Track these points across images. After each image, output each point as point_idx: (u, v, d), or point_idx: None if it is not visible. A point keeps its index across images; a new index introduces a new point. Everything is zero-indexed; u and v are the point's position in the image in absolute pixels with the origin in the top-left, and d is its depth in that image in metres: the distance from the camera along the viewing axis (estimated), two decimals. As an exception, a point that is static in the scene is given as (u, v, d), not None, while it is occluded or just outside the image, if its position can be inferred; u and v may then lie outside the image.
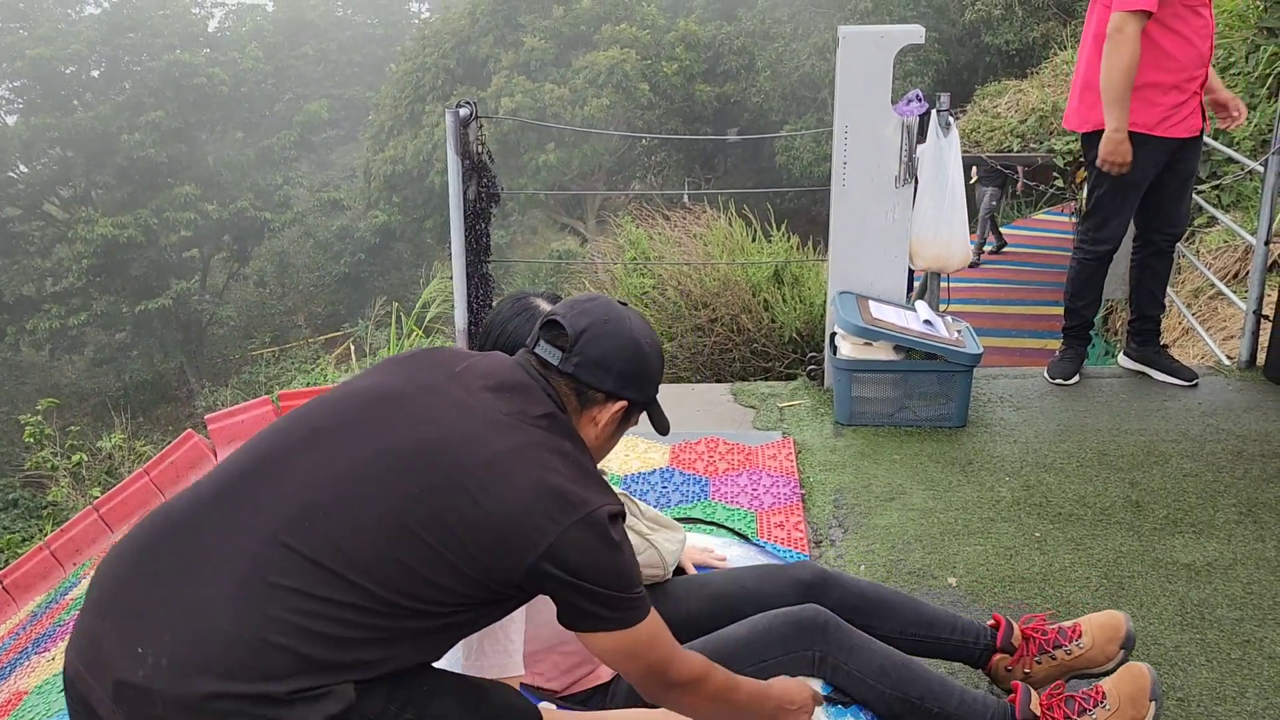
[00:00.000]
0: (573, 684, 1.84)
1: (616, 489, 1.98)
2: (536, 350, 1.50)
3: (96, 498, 6.56)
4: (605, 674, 1.84)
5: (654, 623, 1.44)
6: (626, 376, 1.49)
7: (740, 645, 1.77)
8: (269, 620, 1.20)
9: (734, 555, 2.18)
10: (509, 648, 1.57)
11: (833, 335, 3.82)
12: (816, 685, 1.74)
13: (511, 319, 1.71)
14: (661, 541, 1.98)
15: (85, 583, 3.23)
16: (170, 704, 1.17)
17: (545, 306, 1.69)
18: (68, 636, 2.40)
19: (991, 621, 1.98)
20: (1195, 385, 3.93)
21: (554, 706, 1.69)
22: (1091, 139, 3.66)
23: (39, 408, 8.95)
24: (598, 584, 1.35)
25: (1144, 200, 3.79)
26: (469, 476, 1.29)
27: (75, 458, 7.66)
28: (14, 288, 20.33)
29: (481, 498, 1.28)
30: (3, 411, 18.74)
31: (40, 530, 8.97)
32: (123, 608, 1.24)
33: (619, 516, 1.39)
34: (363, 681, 1.25)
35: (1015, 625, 1.98)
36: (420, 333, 7.26)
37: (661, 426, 1.63)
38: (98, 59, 22.60)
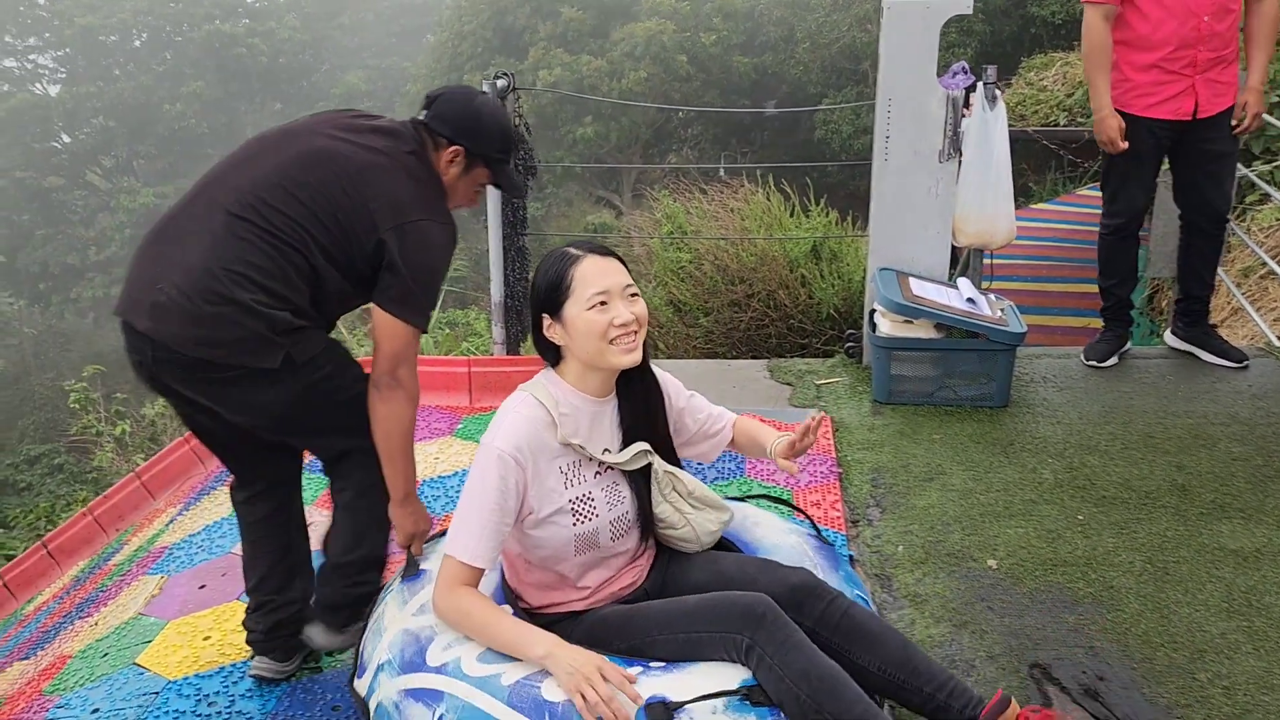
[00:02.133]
0: (545, 606, 1.96)
1: (660, 465, 1.99)
2: (419, 117, 2.14)
3: (140, 464, 6.68)
4: (577, 606, 1.94)
5: (417, 338, 2.02)
6: (460, 129, 2.09)
7: (683, 611, 1.80)
8: (231, 256, 1.88)
9: (772, 535, 2.16)
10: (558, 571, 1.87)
11: (872, 312, 3.77)
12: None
13: (540, 267, 1.92)
14: (699, 521, 2.01)
15: (128, 548, 3.28)
16: (181, 310, 1.86)
17: (566, 248, 1.90)
18: (119, 590, 2.48)
19: (996, 699, 1.79)
20: (1245, 367, 3.84)
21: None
22: None
23: (84, 374, 9.12)
24: (409, 274, 1.96)
25: (1179, 181, 3.78)
26: (344, 176, 1.96)
27: (119, 426, 7.78)
28: (59, 257, 20.67)
29: (352, 191, 1.95)
30: (48, 378, 19.10)
31: (82, 495, 9.15)
32: (144, 273, 1.93)
33: (442, 231, 2.02)
34: (299, 326, 1.93)
35: (1014, 703, 1.81)
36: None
37: (507, 187, 2.26)
38: (140, 28, 22.79)
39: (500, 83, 3.93)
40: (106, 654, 2.41)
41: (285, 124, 2.12)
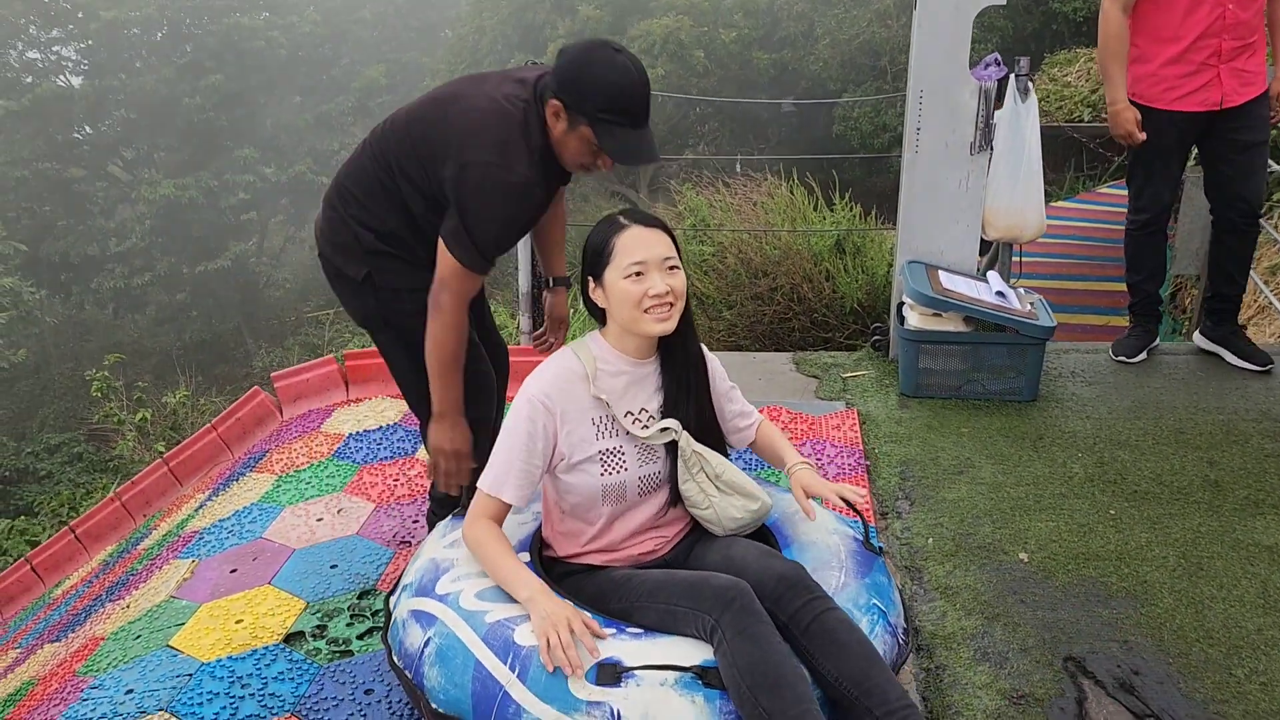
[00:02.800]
0: (569, 556, 2.05)
1: (691, 446, 2.01)
2: None
3: (161, 452, 6.71)
4: (596, 559, 2.03)
5: (466, 275, 2.08)
6: (564, 82, 1.99)
7: (668, 583, 1.86)
8: (350, 175, 2.21)
9: (814, 533, 2.14)
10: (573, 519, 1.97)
11: (900, 305, 3.75)
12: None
13: (595, 226, 1.96)
14: (723, 505, 2.04)
15: (157, 533, 3.30)
16: (321, 212, 2.28)
17: (615, 215, 1.94)
18: (150, 574, 2.53)
19: None
20: (1269, 371, 3.78)
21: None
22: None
23: (106, 362, 9.17)
24: (461, 211, 2.02)
25: (1209, 176, 3.72)
26: (444, 116, 2.08)
27: (140, 414, 7.82)
28: (80, 248, 20.76)
29: (443, 128, 2.07)
30: (68, 367, 19.24)
31: (103, 484, 9.21)
32: None
33: (506, 179, 2.01)
34: (383, 251, 2.20)
35: None
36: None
37: (611, 150, 2.01)
38: (160, 21, 22.86)
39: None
40: (139, 636, 2.42)
41: (480, 73, 2.24)
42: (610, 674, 1.70)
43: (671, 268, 1.90)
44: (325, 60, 24.72)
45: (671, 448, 2.01)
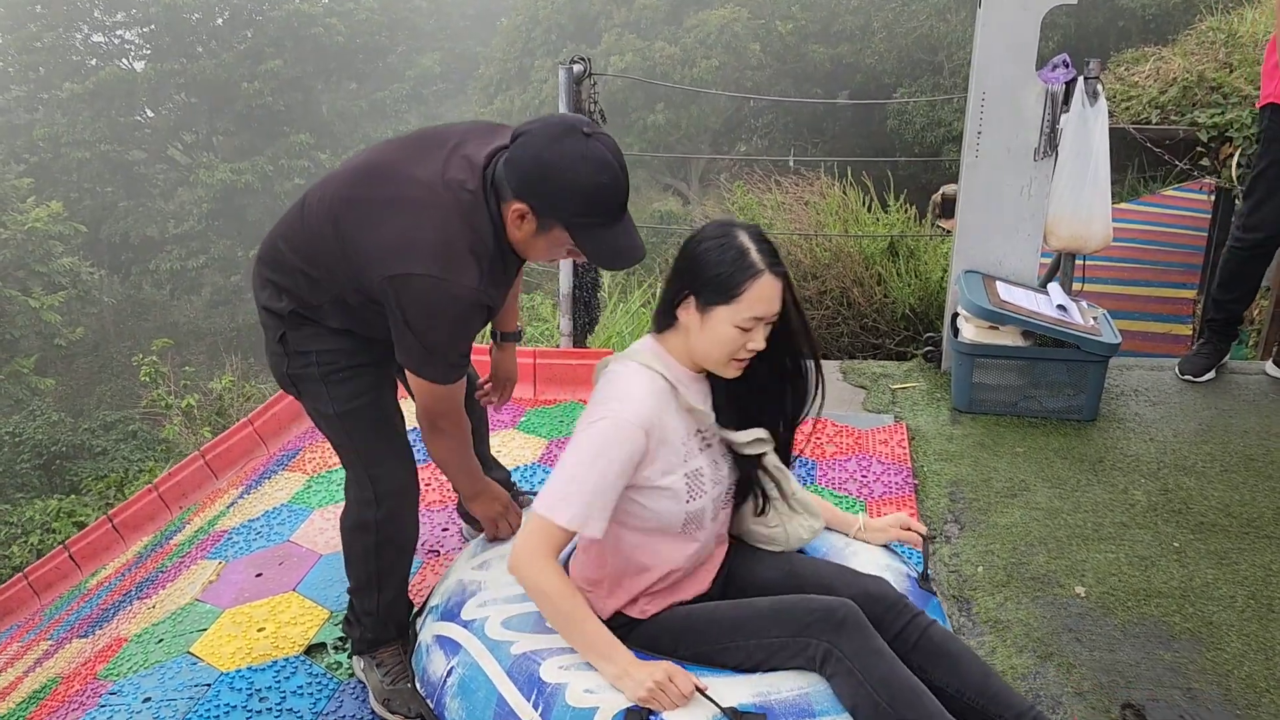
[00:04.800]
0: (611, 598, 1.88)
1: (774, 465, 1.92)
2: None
3: (208, 437, 6.74)
4: (637, 610, 1.87)
5: (448, 391, 1.87)
6: (530, 184, 1.69)
7: (754, 614, 1.74)
8: (284, 231, 1.93)
9: (865, 568, 2.04)
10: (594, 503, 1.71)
11: (954, 316, 3.60)
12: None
13: (706, 240, 1.74)
14: (793, 525, 1.98)
15: (189, 529, 3.27)
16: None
17: (743, 238, 1.72)
18: (178, 573, 2.47)
19: None
20: None
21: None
22: (1263, 112, 3.39)
23: (154, 347, 9.29)
24: (411, 329, 1.75)
25: None
26: (385, 217, 1.76)
27: (186, 400, 7.90)
28: (139, 229, 21.17)
29: (378, 233, 1.75)
30: (126, 346, 19.61)
31: (150, 465, 9.33)
32: None
33: (450, 293, 1.71)
34: (297, 313, 1.92)
35: None
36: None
37: (595, 257, 1.76)
38: (222, 6, 23.18)
39: (576, 68, 3.83)
40: (162, 640, 2.38)
41: (438, 127, 1.93)
42: (639, 714, 1.64)
43: (770, 322, 1.75)
44: (381, 48, 24.89)
45: (739, 459, 1.87)
